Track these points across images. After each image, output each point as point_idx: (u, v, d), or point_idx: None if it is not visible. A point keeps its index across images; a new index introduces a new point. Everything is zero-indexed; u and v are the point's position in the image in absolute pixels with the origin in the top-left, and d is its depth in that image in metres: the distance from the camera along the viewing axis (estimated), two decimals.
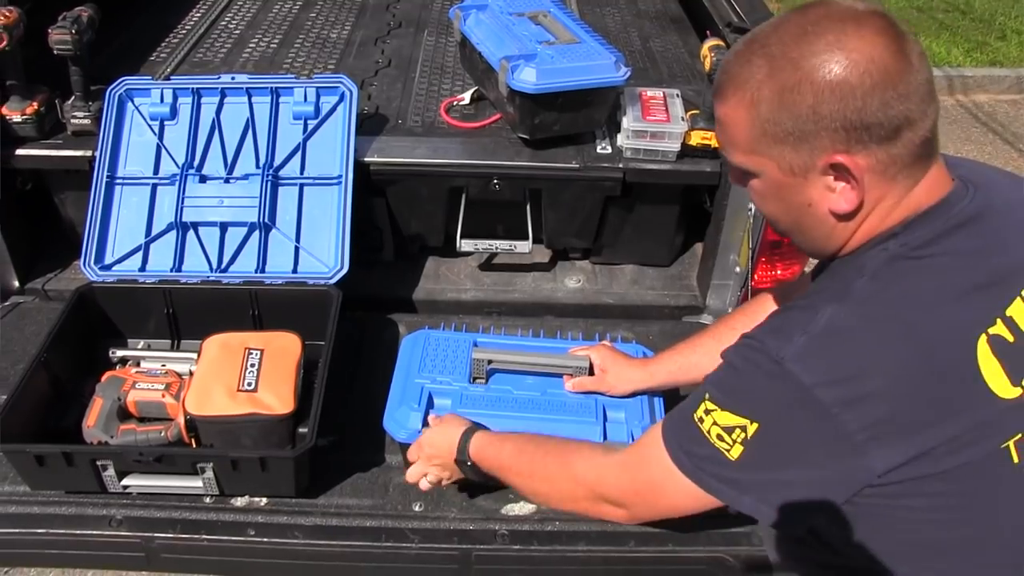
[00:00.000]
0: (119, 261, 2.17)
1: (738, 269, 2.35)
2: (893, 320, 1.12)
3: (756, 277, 2.30)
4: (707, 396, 1.20)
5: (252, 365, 1.94)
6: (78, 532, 1.80)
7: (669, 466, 1.25)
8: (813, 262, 1.45)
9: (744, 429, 1.14)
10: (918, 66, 1.09)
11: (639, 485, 1.33)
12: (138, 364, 2.09)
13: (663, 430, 1.29)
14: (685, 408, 1.26)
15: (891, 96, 1.07)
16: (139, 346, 2.18)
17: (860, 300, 1.14)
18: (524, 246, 2.38)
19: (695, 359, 1.81)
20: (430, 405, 1.85)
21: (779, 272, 2.33)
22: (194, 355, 2.03)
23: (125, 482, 1.81)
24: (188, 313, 2.14)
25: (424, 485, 1.72)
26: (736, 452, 1.16)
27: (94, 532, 1.80)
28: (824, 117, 1.09)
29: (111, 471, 1.78)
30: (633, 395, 1.86)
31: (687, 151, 2.28)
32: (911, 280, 1.15)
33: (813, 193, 1.17)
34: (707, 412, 1.19)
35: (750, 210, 2.25)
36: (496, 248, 2.41)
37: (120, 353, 2.12)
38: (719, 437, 1.17)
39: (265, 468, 1.77)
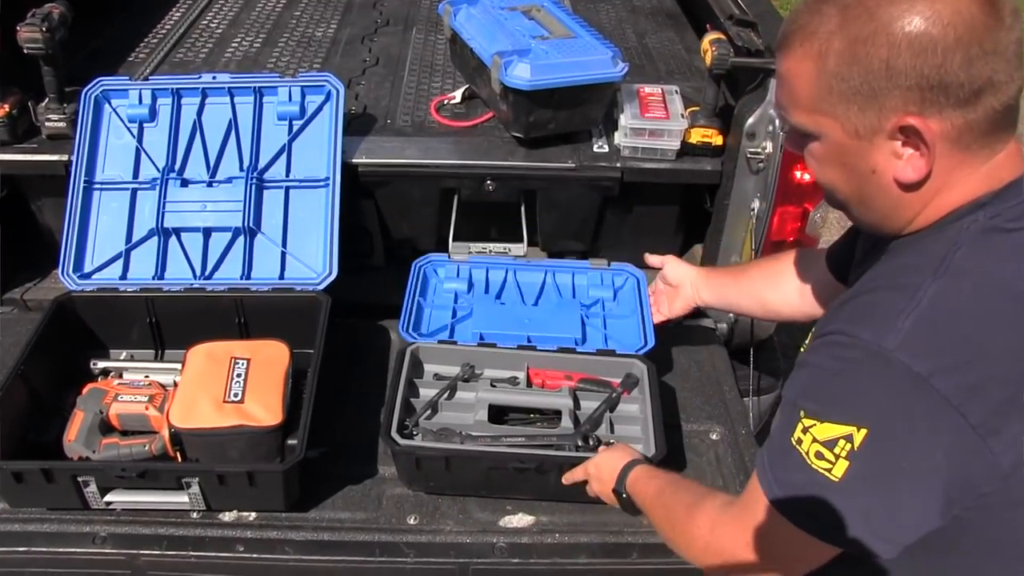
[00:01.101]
0: (99, 269, 2.10)
1: None
2: (1004, 293, 1.02)
3: None
4: (801, 413, 1.06)
5: (238, 375, 1.87)
6: (61, 550, 1.73)
7: (770, 511, 1.10)
8: None
9: (850, 439, 1.00)
10: (1010, 24, 0.99)
11: (751, 539, 1.15)
12: (120, 375, 2.02)
13: (757, 465, 1.15)
14: (779, 434, 1.11)
15: (976, 53, 0.97)
16: (121, 357, 2.10)
17: (964, 273, 1.03)
18: (519, 249, 2.32)
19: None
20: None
21: None
22: (178, 365, 1.96)
23: (108, 498, 1.75)
24: (172, 322, 2.07)
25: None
26: (840, 469, 1.01)
27: (77, 550, 1.73)
28: (898, 73, 0.99)
29: (93, 487, 1.72)
30: None
31: (687, 149, 2.23)
32: (1011, 252, 1.05)
33: (878, 159, 1.06)
34: (805, 430, 1.05)
35: (752, 210, 2.19)
36: (490, 251, 2.34)
37: (102, 364, 2.05)
38: (818, 455, 1.03)
39: (253, 483, 1.70)
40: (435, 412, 1.92)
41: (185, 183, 2.15)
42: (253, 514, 1.78)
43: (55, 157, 2.18)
